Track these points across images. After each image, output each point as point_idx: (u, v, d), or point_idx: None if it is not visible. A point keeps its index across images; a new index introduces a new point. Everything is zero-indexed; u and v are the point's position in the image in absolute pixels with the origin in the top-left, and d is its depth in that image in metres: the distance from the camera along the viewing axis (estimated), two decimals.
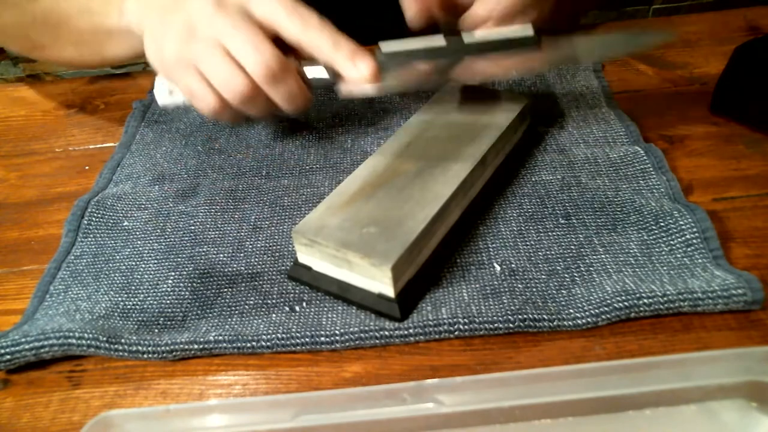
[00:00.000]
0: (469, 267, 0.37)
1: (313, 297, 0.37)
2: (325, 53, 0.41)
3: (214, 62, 0.40)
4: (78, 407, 0.34)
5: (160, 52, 0.42)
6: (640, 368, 0.29)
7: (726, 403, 0.30)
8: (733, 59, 0.46)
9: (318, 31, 0.40)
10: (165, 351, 0.34)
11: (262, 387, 0.34)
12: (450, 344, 0.34)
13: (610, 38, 0.44)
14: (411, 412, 0.29)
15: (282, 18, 0.40)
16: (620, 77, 0.53)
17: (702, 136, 0.46)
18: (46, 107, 0.61)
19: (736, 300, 0.33)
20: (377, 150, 0.42)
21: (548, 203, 0.41)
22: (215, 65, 0.40)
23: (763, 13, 0.59)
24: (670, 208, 0.38)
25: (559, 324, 0.33)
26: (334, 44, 0.40)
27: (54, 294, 0.39)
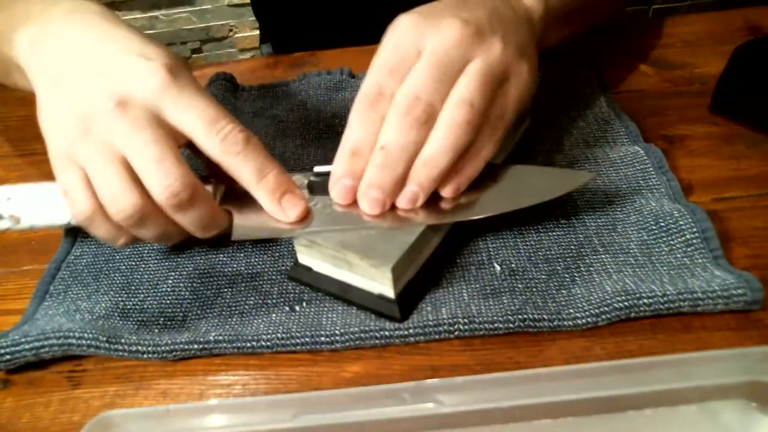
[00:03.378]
0: (469, 267, 0.37)
1: (313, 297, 0.37)
2: (247, 184, 0.35)
3: (104, 172, 0.33)
4: (78, 407, 0.34)
5: (51, 134, 0.35)
6: (640, 368, 0.29)
7: (726, 403, 0.30)
8: (733, 59, 0.46)
9: (241, 156, 0.34)
10: (165, 351, 0.34)
11: (262, 387, 0.34)
12: (450, 344, 0.34)
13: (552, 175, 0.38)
14: (411, 412, 0.29)
15: (198, 132, 0.33)
16: (620, 77, 0.53)
17: (702, 136, 0.46)
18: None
19: (736, 300, 0.33)
20: None
21: (548, 203, 0.41)
22: (104, 175, 0.33)
23: (763, 13, 0.59)
24: (670, 208, 0.38)
25: (559, 324, 0.33)
26: (259, 174, 0.34)
27: (54, 294, 0.39)
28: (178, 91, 0.33)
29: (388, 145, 0.33)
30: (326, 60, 0.60)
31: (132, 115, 0.33)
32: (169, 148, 0.33)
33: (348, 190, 0.35)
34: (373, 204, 0.34)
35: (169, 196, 0.32)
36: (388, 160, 0.33)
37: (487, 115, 0.34)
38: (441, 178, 0.34)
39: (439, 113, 0.34)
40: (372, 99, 0.34)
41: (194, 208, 0.34)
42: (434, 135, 0.34)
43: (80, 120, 0.33)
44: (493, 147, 0.36)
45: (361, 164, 0.34)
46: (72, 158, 0.34)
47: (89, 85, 0.34)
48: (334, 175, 0.35)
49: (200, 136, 0.33)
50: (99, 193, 0.33)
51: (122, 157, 0.33)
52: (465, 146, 0.34)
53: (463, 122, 0.33)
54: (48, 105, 0.35)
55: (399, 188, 0.34)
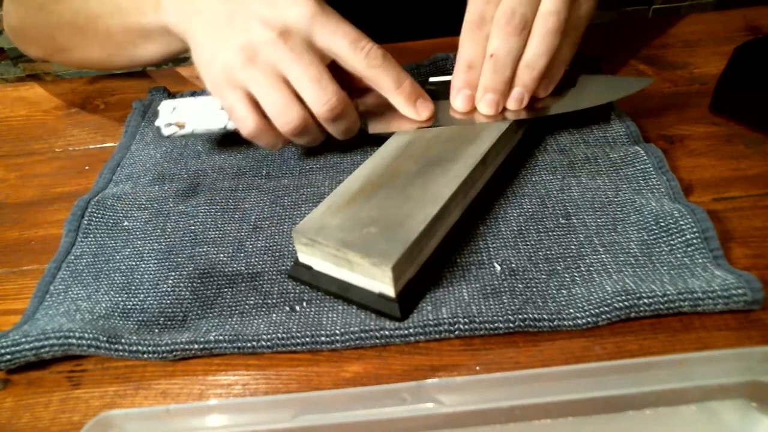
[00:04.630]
0: (469, 267, 0.37)
1: (313, 297, 0.37)
2: (386, 91, 0.41)
3: (272, 91, 0.39)
4: (78, 407, 0.34)
5: (210, 66, 0.41)
6: (640, 368, 0.29)
7: (726, 403, 0.30)
8: (733, 59, 0.46)
9: (381, 69, 0.40)
10: (165, 351, 0.34)
11: (262, 387, 0.34)
12: (450, 344, 0.34)
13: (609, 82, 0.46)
14: (411, 412, 0.29)
15: (345, 51, 0.39)
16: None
17: (702, 136, 0.46)
18: (46, 107, 0.61)
19: (736, 300, 0.33)
20: (378, 150, 0.42)
21: (548, 203, 0.41)
22: (273, 95, 0.40)
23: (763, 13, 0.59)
24: (670, 208, 0.38)
25: (559, 324, 0.33)
26: (396, 83, 0.41)
27: (54, 294, 0.39)
28: (326, 18, 0.39)
29: (496, 52, 0.40)
30: None
31: (292, 42, 0.39)
32: (324, 68, 0.39)
33: (468, 98, 0.42)
34: (491, 105, 0.42)
35: (327, 110, 0.40)
36: (498, 65, 0.41)
37: (567, 25, 0.41)
38: (540, 78, 0.41)
39: (532, 23, 0.40)
40: (477, 22, 0.41)
41: (345, 118, 0.41)
42: (532, 42, 0.40)
43: (244, 48, 0.39)
44: (573, 52, 0.43)
45: (476, 75, 0.42)
46: (235, 82, 0.40)
47: (249, 19, 0.39)
48: (454, 87, 0.43)
49: (347, 54, 0.39)
50: (267, 109, 0.40)
51: (285, 78, 0.39)
52: (556, 49, 0.41)
53: (553, 29, 0.40)
54: (206, 44, 0.41)
55: (509, 89, 0.42)
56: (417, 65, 0.56)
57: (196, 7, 0.43)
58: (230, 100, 0.41)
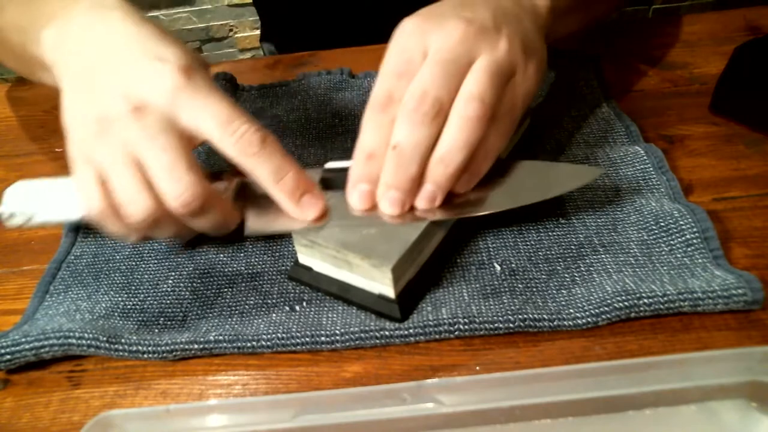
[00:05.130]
0: (469, 267, 0.37)
1: (313, 297, 0.37)
2: (265, 184, 0.34)
3: (120, 175, 0.33)
4: (78, 407, 0.34)
5: (70, 131, 0.35)
6: (640, 368, 0.29)
7: (726, 403, 0.30)
8: (733, 59, 0.46)
9: (256, 156, 0.33)
10: (165, 351, 0.34)
11: (262, 387, 0.34)
12: (450, 344, 0.34)
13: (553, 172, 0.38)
14: (411, 412, 0.29)
15: (213, 133, 0.33)
16: (620, 77, 0.53)
17: (702, 136, 0.46)
18: (46, 107, 0.61)
19: (736, 300, 0.33)
20: None
21: (548, 203, 0.41)
22: (120, 179, 0.33)
23: (763, 13, 0.59)
24: (670, 208, 0.38)
25: (559, 324, 0.33)
26: (277, 175, 0.34)
27: (54, 294, 0.39)
28: (192, 92, 0.33)
29: (400, 143, 0.33)
30: (326, 60, 0.60)
31: (147, 120, 0.33)
32: (182, 155, 0.33)
33: (367, 194, 0.35)
34: (394, 204, 0.34)
35: (180, 205, 0.33)
36: (402, 158, 0.33)
37: (496, 111, 0.34)
38: (457, 175, 0.34)
39: (447, 109, 0.34)
40: (382, 103, 0.34)
41: (206, 214, 0.34)
42: (447, 132, 0.34)
43: (98, 121, 0.34)
44: (503, 141, 0.36)
45: (377, 168, 0.34)
46: (89, 157, 0.34)
47: (107, 87, 0.34)
48: (352, 181, 0.35)
49: (216, 137, 0.33)
50: (113, 194, 0.34)
51: (138, 160, 0.33)
52: (478, 142, 0.34)
53: (475, 117, 0.33)
54: (70, 103, 0.36)
55: (416, 186, 0.34)
56: None
57: (66, 60, 0.37)
58: (81, 177, 0.35)
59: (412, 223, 0.35)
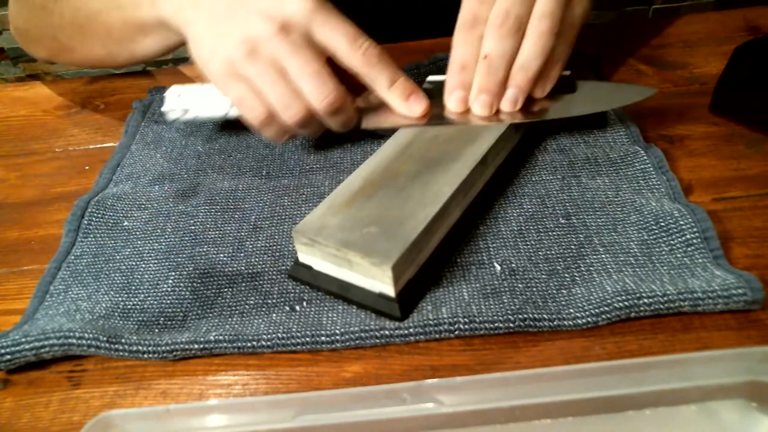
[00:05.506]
0: (469, 266, 0.37)
1: (313, 296, 0.37)
2: (381, 89, 0.42)
3: (275, 86, 0.40)
4: (78, 407, 0.34)
5: (211, 59, 0.41)
6: (640, 368, 0.29)
7: (726, 403, 0.30)
8: (733, 59, 0.46)
9: (376, 67, 0.41)
10: (165, 351, 0.34)
11: (262, 387, 0.34)
12: (450, 344, 0.34)
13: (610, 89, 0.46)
14: (411, 412, 0.29)
15: (343, 48, 0.40)
16: (620, 77, 0.53)
17: (702, 136, 0.46)
18: (46, 107, 0.61)
19: (736, 300, 0.33)
20: (378, 150, 0.42)
21: (548, 203, 0.41)
22: (276, 89, 0.40)
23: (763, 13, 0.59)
24: (671, 208, 0.38)
25: (559, 324, 0.33)
26: (391, 81, 0.42)
27: (54, 294, 0.39)
28: (325, 13, 0.40)
29: (489, 53, 0.40)
30: None
31: (292, 37, 0.39)
32: (323, 64, 0.40)
33: (461, 99, 0.42)
34: (484, 106, 0.42)
35: (327, 104, 0.40)
36: (492, 66, 0.40)
37: (562, 26, 0.41)
38: (535, 79, 0.41)
39: (526, 25, 0.40)
40: (470, 23, 0.41)
41: (342, 112, 0.42)
42: (526, 43, 0.40)
43: (245, 42, 0.39)
44: (568, 52, 0.42)
45: (470, 76, 0.42)
46: (239, 75, 0.40)
47: (249, 12, 0.40)
48: (448, 88, 0.42)
49: (345, 51, 0.40)
50: (272, 102, 0.41)
51: (285, 72, 0.40)
52: (551, 51, 0.40)
53: (548, 30, 0.40)
54: (206, 38, 0.41)
55: (503, 91, 0.41)
56: (417, 65, 0.56)
57: (197, 2, 0.43)
58: (237, 93, 0.41)
59: (497, 123, 0.42)
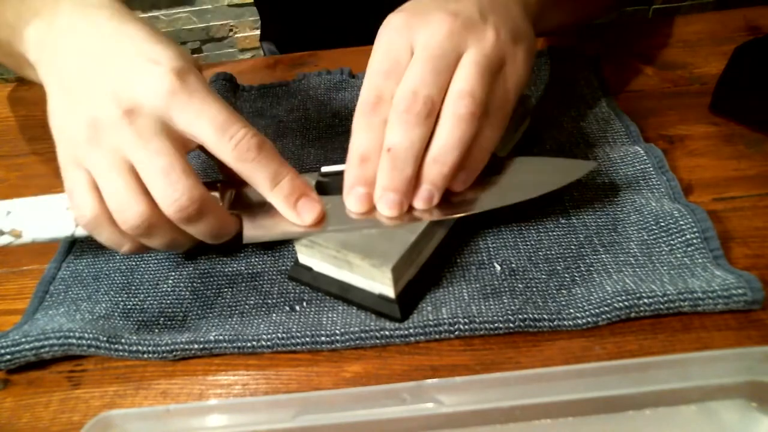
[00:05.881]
0: (469, 267, 0.37)
1: (313, 297, 0.37)
2: (261, 189, 0.34)
3: (113, 180, 0.32)
4: (78, 407, 0.34)
5: (59, 135, 0.35)
6: (640, 368, 0.29)
7: (726, 403, 0.30)
8: (733, 59, 0.46)
9: (253, 162, 0.33)
10: (165, 351, 0.34)
11: (262, 387, 0.34)
12: (450, 344, 0.34)
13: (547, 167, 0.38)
14: (411, 412, 0.29)
15: (209, 138, 0.33)
16: (620, 77, 0.53)
17: (702, 136, 0.46)
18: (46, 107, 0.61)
19: (736, 300, 0.33)
20: None
21: (548, 203, 0.41)
22: (113, 184, 0.32)
23: (763, 13, 0.59)
24: (671, 207, 0.38)
25: (559, 324, 0.33)
26: (273, 181, 0.34)
27: (54, 294, 0.39)
28: (187, 96, 0.32)
29: (394, 146, 0.33)
30: (326, 60, 0.60)
31: (140, 124, 0.32)
32: (177, 159, 0.32)
33: (364, 197, 0.34)
34: (391, 206, 0.34)
35: (176, 210, 0.32)
36: (397, 160, 0.33)
37: (488, 105, 0.34)
38: (453, 174, 0.34)
39: (439, 107, 0.33)
40: (372, 104, 0.34)
41: (203, 219, 0.33)
42: (440, 131, 0.33)
43: (89, 125, 0.33)
44: (497, 136, 0.35)
45: (372, 170, 0.34)
46: (80, 162, 0.33)
47: (97, 90, 0.33)
48: (347, 185, 0.35)
49: (212, 142, 0.33)
50: (106, 200, 0.33)
51: (131, 165, 0.32)
52: (471, 138, 0.33)
53: (467, 114, 0.33)
54: (58, 107, 0.35)
55: (413, 187, 0.34)
56: None
57: (52, 60, 0.35)
58: (71, 182, 0.34)
59: (411, 223, 0.34)
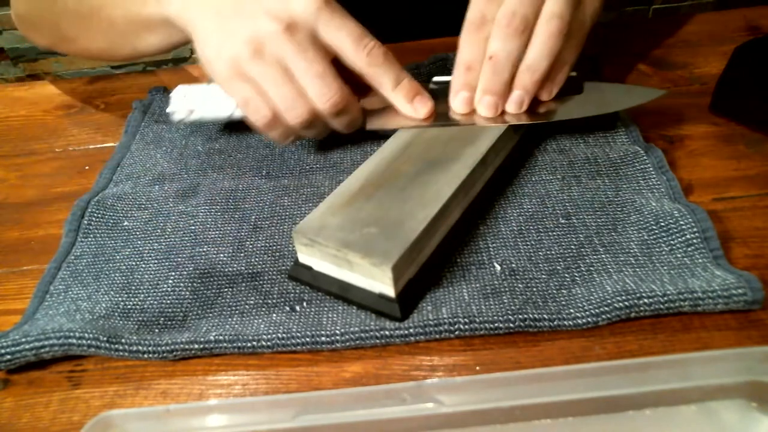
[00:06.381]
0: (469, 267, 0.37)
1: (313, 297, 0.37)
2: (385, 90, 0.42)
3: (280, 86, 0.40)
4: (78, 407, 0.34)
5: (216, 59, 0.41)
6: (640, 368, 0.29)
7: (726, 403, 0.30)
8: (733, 59, 0.46)
9: (381, 67, 0.41)
10: (165, 351, 0.34)
11: (262, 387, 0.34)
12: (450, 344, 0.34)
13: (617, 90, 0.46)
14: (411, 412, 0.29)
15: (348, 48, 0.40)
16: (620, 77, 0.53)
17: (702, 136, 0.46)
18: (46, 107, 0.61)
19: (737, 300, 0.33)
20: (378, 150, 0.42)
21: (548, 203, 0.41)
22: (280, 89, 0.40)
23: (763, 13, 0.59)
24: (671, 207, 0.38)
25: (559, 324, 0.33)
26: (395, 81, 0.41)
27: (54, 294, 0.39)
28: (331, 13, 0.39)
29: (495, 54, 0.40)
30: None
31: (298, 36, 0.39)
32: (328, 64, 0.40)
33: (467, 100, 0.42)
34: (489, 107, 0.41)
35: (331, 105, 0.40)
36: (497, 66, 0.40)
37: (570, 28, 0.40)
38: (541, 82, 0.41)
39: (533, 25, 0.40)
40: (477, 23, 0.41)
41: (347, 113, 0.42)
42: (533, 44, 0.40)
43: (251, 41, 0.39)
44: (576, 55, 0.42)
45: (475, 77, 0.41)
46: (245, 75, 0.40)
47: (254, 11, 0.39)
48: (453, 89, 0.42)
49: (350, 51, 0.40)
50: (277, 102, 0.40)
51: (290, 71, 0.40)
52: (558, 52, 0.40)
53: (556, 32, 0.39)
54: (213, 35, 0.41)
55: (508, 91, 0.41)
56: (417, 65, 0.56)
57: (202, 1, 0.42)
58: (242, 94, 0.41)
59: (501, 124, 0.41)
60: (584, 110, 0.43)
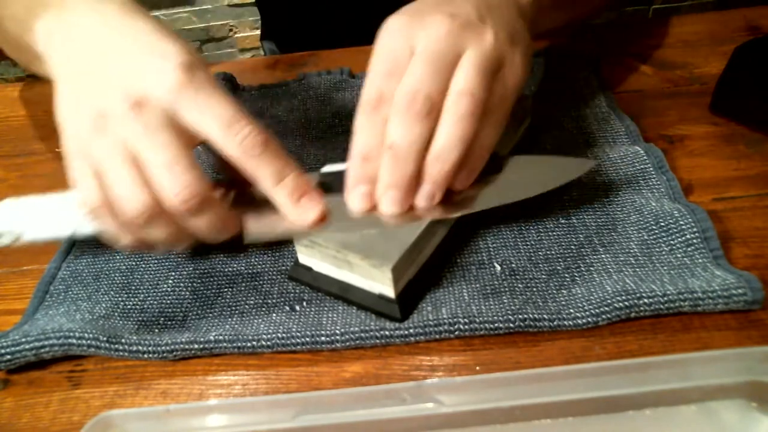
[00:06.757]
0: (469, 267, 0.37)
1: (313, 297, 0.37)
2: (265, 185, 0.34)
3: (117, 170, 0.32)
4: (78, 407, 0.34)
5: (65, 126, 0.35)
6: (640, 368, 0.29)
7: (726, 403, 0.30)
8: (733, 59, 0.46)
9: (257, 158, 0.33)
10: (165, 351, 0.34)
11: (262, 387, 0.34)
12: (450, 344, 0.34)
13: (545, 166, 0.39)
14: (411, 412, 0.29)
15: (215, 134, 0.33)
16: (620, 77, 0.53)
17: (702, 136, 0.46)
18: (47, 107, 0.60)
19: (736, 300, 0.33)
20: None
21: (548, 203, 0.41)
22: (117, 174, 0.32)
23: (763, 13, 0.59)
24: (671, 207, 0.38)
25: (559, 324, 0.33)
26: (278, 177, 0.34)
27: (54, 294, 0.39)
28: (194, 91, 0.33)
29: (395, 143, 0.33)
30: (326, 60, 0.60)
31: (147, 116, 0.32)
32: (182, 152, 0.32)
33: (366, 195, 0.34)
34: (393, 204, 0.34)
35: (179, 203, 0.32)
36: (399, 158, 0.33)
37: (488, 104, 0.34)
38: (454, 172, 0.34)
39: (439, 106, 0.33)
40: (374, 103, 0.34)
41: (204, 214, 0.33)
42: (441, 129, 0.33)
43: (96, 116, 0.33)
44: (497, 135, 0.35)
45: (374, 168, 0.34)
46: (85, 152, 0.33)
47: (105, 82, 0.33)
48: (350, 183, 0.35)
49: (218, 137, 0.33)
50: (109, 189, 0.33)
51: (135, 156, 0.32)
52: (472, 137, 0.33)
53: (467, 113, 0.33)
54: (66, 98, 0.35)
55: (414, 185, 0.34)
56: None
57: (61, 53, 0.36)
58: (77, 171, 0.34)
59: (412, 223, 0.35)
60: (511, 194, 0.36)
